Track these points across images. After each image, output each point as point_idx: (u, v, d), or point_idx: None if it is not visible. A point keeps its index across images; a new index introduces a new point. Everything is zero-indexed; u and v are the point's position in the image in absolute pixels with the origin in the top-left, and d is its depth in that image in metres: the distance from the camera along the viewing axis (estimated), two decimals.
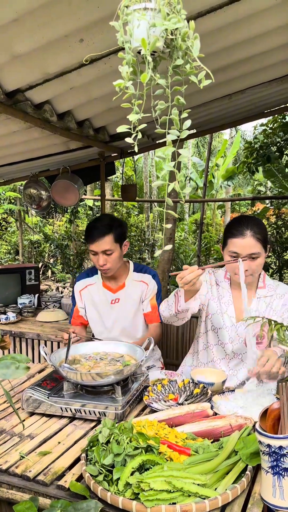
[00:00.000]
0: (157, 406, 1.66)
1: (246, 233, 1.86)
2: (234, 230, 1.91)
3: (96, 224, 2.30)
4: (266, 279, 2.08)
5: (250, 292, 2.04)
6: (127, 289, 2.42)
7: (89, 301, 2.45)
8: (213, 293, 2.12)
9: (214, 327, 2.10)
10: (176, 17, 0.89)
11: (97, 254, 2.27)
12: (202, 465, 1.22)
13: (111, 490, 1.14)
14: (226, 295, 2.08)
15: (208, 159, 7.98)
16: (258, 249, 1.87)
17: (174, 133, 0.97)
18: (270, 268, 8.03)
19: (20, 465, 1.32)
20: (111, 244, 2.24)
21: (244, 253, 1.87)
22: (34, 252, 11.85)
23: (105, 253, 2.25)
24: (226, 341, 2.04)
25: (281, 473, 1.09)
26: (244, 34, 2.10)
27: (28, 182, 4.37)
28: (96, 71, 2.14)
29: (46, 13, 1.63)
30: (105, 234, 2.24)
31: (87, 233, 2.30)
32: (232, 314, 2.05)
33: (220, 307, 2.08)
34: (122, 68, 0.95)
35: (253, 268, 1.90)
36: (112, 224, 2.28)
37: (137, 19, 0.89)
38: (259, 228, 1.89)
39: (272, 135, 6.13)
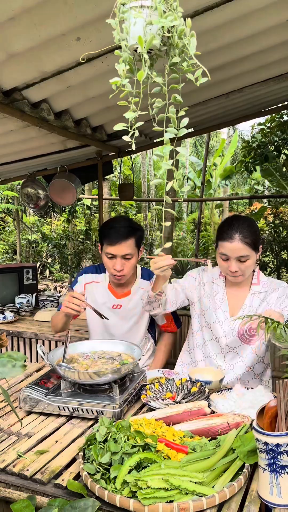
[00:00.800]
0: (154, 404, 1.66)
1: (234, 237, 1.91)
2: (224, 233, 1.95)
3: (116, 225, 2.12)
4: (261, 276, 2.11)
5: (244, 287, 2.10)
6: (132, 297, 2.31)
7: (91, 298, 2.33)
8: (206, 290, 2.15)
9: (207, 323, 2.13)
10: (173, 15, 0.89)
11: (114, 258, 2.11)
12: (200, 463, 1.22)
13: (108, 488, 1.14)
14: (220, 292, 2.12)
15: (206, 158, 7.98)
16: (247, 252, 1.91)
17: (171, 131, 0.97)
18: (268, 267, 8.05)
19: (18, 464, 1.32)
20: (132, 248, 2.10)
21: (233, 256, 1.92)
22: (32, 251, 11.84)
23: (124, 258, 2.11)
24: (220, 335, 2.07)
25: (278, 471, 1.10)
26: (241, 33, 2.10)
27: (26, 181, 4.36)
28: (93, 69, 2.14)
29: (43, 11, 1.63)
30: (128, 237, 2.08)
31: (105, 233, 2.12)
32: (226, 309, 2.09)
33: (214, 303, 2.11)
34: (119, 66, 0.95)
35: (242, 269, 1.95)
36: (133, 226, 2.14)
37: (134, 16, 0.89)
38: (248, 232, 1.92)
39: (270, 134, 6.13)
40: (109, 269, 2.17)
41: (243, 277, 1.99)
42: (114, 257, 2.10)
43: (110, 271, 2.16)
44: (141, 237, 2.18)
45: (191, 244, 12.78)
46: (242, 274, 1.97)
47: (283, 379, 1.18)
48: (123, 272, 2.14)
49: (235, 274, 1.96)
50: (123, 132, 1.01)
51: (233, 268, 1.94)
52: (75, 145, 3.40)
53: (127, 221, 2.16)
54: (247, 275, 2.01)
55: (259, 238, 1.99)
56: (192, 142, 17.87)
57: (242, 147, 6.59)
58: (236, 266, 1.94)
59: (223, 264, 1.98)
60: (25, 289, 4.15)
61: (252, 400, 1.65)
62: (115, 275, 2.15)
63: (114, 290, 2.32)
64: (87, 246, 10.72)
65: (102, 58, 2.04)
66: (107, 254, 2.12)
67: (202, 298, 2.15)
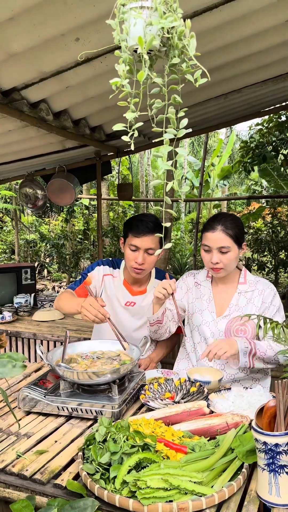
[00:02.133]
0: (153, 404, 1.66)
1: (216, 228, 1.96)
2: (207, 225, 2.02)
3: (145, 219, 2.13)
4: (248, 275, 2.12)
5: (231, 287, 2.11)
6: (148, 295, 2.29)
7: (106, 292, 2.30)
8: (193, 294, 2.17)
9: (194, 325, 2.14)
10: (173, 16, 0.89)
11: (137, 251, 2.11)
12: (199, 463, 1.22)
13: (108, 488, 1.14)
14: (207, 293, 2.13)
15: (204, 158, 7.99)
16: (228, 243, 1.94)
17: (171, 132, 0.97)
18: (266, 267, 8.07)
19: (17, 464, 1.32)
20: (155, 244, 2.12)
21: (214, 246, 1.96)
22: (30, 251, 11.83)
23: (147, 252, 2.11)
24: (208, 336, 2.07)
25: (277, 471, 1.10)
26: (240, 34, 2.11)
27: (24, 181, 4.36)
28: (92, 70, 2.14)
29: (42, 12, 1.63)
30: (154, 231, 2.10)
31: (133, 225, 2.13)
32: (212, 310, 2.09)
33: (201, 305, 2.13)
34: (119, 66, 0.95)
35: (224, 261, 1.97)
36: (160, 224, 2.14)
37: (134, 17, 0.89)
38: (231, 224, 1.96)
39: (268, 134, 6.14)
40: (129, 262, 2.16)
41: (224, 271, 2.00)
42: (137, 249, 2.12)
43: (131, 263, 2.15)
44: (166, 236, 2.17)
45: (189, 244, 12.79)
46: (224, 267, 1.98)
47: (282, 379, 1.18)
48: (144, 266, 2.14)
49: (216, 266, 1.97)
50: (121, 132, 1.01)
51: (214, 259, 1.96)
52: (74, 145, 3.40)
53: (155, 217, 2.19)
54: (229, 269, 2.01)
55: (243, 234, 2.01)
56: (190, 142, 17.88)
57: (240, 147, 6.60)
58: (217, 257, 1.96)
59: (205, 256, 2.01)
60: (23, 289, 4.15)
61: (250, 400, 1.66)
62: (135, 268, 2.14)
63: (130, 286, 2.31)
64: (85, 246, 10.72)
65: (101, 58, 2.04)
66: (130, 246, 2.13)
67: (189, 304, 2.17)
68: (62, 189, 4.10)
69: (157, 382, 1.83)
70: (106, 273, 2.31)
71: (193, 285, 2.19)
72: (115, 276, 2.32)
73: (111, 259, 2.39)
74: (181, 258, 11.46)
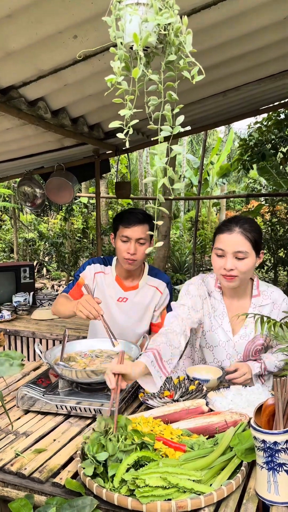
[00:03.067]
0: (152, 403, 1.66)
1: (234, 229, 1.75)
2: (223, 226, 1.81)
3: (134, 211, 2.21)
4: (260, 284, 1.94)
5: (244, 302, 1.93)
6: (140, 291, 2.31)
7: (98, 289, 2.32)
8: (207, 307, 1.94)
9: (209, 345, 1.96)
10: (169, 12, 0.89)
11: (129, 241, 2.15)
12: (198, 461, 1.22)
13: (106, 487, 1.14)
14: (219, 307, 1.92)
15: (203, 156, 7.99)
16: (246, 248, 1.73)
17: (166, 129, 0.96)
18: (265, 265, 8.06)
19: (16, 463, 1.32)
20: (146, 234, 2.15)
21: (230, 250, 1.74)
22: (29, 250, 11.82)
23: (138, 242, 2.15)
24: (224, 358, 1.93)
25: (276, 469, 1.10)
26: (239, 31, 2.10)
27: (22, 180, 4.35)
28: (90, 67, 2.14)
29: (40, 9, 1.62)
30: (144, 222, 2.15)
31: (123, 216, 2.18)
32: (227, 328, 1.90)
33: (214, 322, 1.92)
34: (114, 63, 0.95)
35: (239, 268, 1.74)
36: (149, 215, 2.22)
37: (129, 14, 0.89)
38: (250, 227, 1.76)
39: (267, 132, 6.14)
40: (121, 253, 2.18)
41: (239, 280, 1.78)
42: (129, 240, 2.15)
43: (123, 254, 2.18)
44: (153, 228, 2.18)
45: (189, 242, 12.78)
46: (238, 275, 1.75)
47: (281, 377, 1.18)
48: (136, 257, 2.16)
49: (230, 273, 1.75)
50: (119, 130, 1.01)
51: (228, 265, 1.73)
52: (72, 143, 3.39)
53: (144, 211, 2.26)
54: (244, 280, 1.80)
55: (261, 240, 1.80)
56: (189, 141, 17.86)
57: (239, 145, 6.60)
58: (232, 263, 1.73)
59: (217, 262, 1.78)
60: (22, 287, 4.15)
61: (249, 398, 1.66)
62: (127, 259, 2.17)
63: (122, 282, 2.33)
64: (84, 244, 10.71)
65: (99, 56, 2.04)
66: (122, 238, 2.16)
67: (204, 317, 1.93)
68: (60, 188, 4.09)
69: None
70: (97, 271, 2.34)
71: (206, 295, 1.95)
72: (106, 273, 2.34)
73: (102, 256, 2.42)
74: (180, 257, 11.45)
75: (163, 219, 7.20)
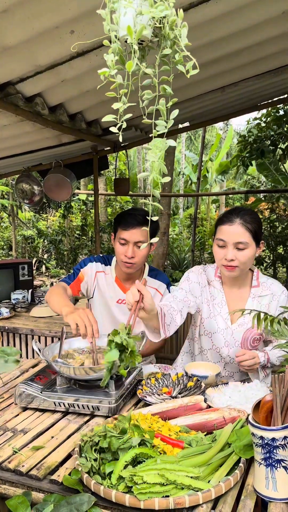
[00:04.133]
0: (150, 399, 1.66)
1: (235, 220, 1.81)
2: (224, 217, 1.87)
3: (133, 212, 2.14)
4: (260, 276, 2.00)
5: (243, 291, 1.99)
6: None
7: (99, 288, 2.29)
8: (206, 295, 2.02)
9: (207, 332, 2.01)
10: (164, 5, 0.88)
11: (127, 244, 2.10)
12: (195, 458, 1.22)
13: (104, 483, 1.14)
14: (219, 296, 1.99)
15: (201, 153, 7.97)
16: (246, 238, 1.79)
17: (160, 124, 0.95)
18: (265, 262, 8.06)
19: (13, 460, 1.31)
20: (145, 237, 2.09)
21: (231, 241, 1.80)
22: (27, 247, 11.81)
23: (136, 245, 2.09)
24: (222, 345, 1.98)
25: (274, 465, 1.10)
26: (237, 26, 2.09)
27: (20, 177, 4.34)
28: (87, 63, 2.12)
29: (36, 4, 1.61)
30: (143, 225, 2.07)
31: (122, 219, 2.13)
32: (226, 316, 1.97)
33: (213, 310, 1.99)
34: (107, 56, 0.94)
35: (240, 259, 1.81)
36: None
37: (124, 7, 0.88)
38: (250, 218, 1.82)
39: (266, 129, 6.13)
40: (119, 256, 2.14)
41: (239, 270, 1.84)
42: (127, 243, 2.10)
43: (121, 257, 2.13)
44: (155, 229, 2.17)
45: (188, 239, 12.78)
46: (238, 265, 1.82)
47: (279, 374, 1.17)
48: (134, 260, 2.11)
49: (231, 263, 1.81)
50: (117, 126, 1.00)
51: (229, 256, 1.80)
52: (70, 140, 3.38)
53: (144, 211, 2.19)
54: (244, 269, 1.87)
55: (261, 231, 1.87)
56: (187, 137, 17.83)
57: (238, 142, 6.58)
58: (233, 254, 1.80)
59: (219, 252, 1.85)
60: (21, 285, 4.14)
61: (247, 395, 1.66)
62: (126, 262, 2.13)
63: (122, 284, 2.29)
64: (83, 241, 10.70)
65: (96, 51, 2.02)
66: (120, 240, 2.12)
67: (203, 304, 2.01)
68: (58, 185, 4.08)
69: (154, 377, 1.83)
70: (99, 270, 2.31)
71: (206, 283, 2.02)
72: (107, 273, 2.31)
73: (102, 255, 2.38)
74: (180, 254, 11.45)
75: (163, 215, 7.19)
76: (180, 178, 15.52)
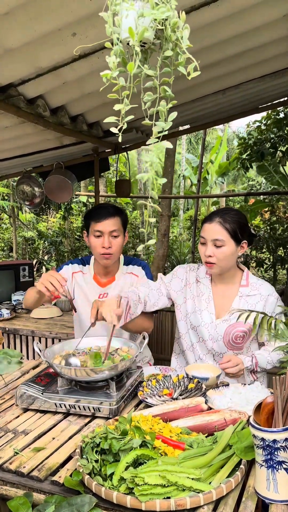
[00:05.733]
0: (151, 401, 1.66)
1: (214, 219, 1.92)
2: (207, 216, 1.99)
3: (102, 205, 2.24)
4: (250, 277, 2.05)
5: (231, 288, 2.04)
6: (118, 282, 2.32)
7: (78, 287, 2.35)
8: (192, 291, 2.09)
9: (193, 325, 2.07)
10: (165, 7, 0.88)
11: (102, 236, 2.16)
12: (197, 460, 1.22)
13: (105, 485, 1.14)
14: (206, 292, 2.06)
15: (202, 155, 7.98)
16: (222, 236, 1.89)
17: (160, 125, 0.96)
18: (265, 263, 8.07)
19: (14, 461, 1.31)
20: (118, 227, 2.17)
21: (209, 238, 1.92)
22: (28, 248, 11.81)
23: (111, 235, 2.16)
24: (206, 338, 2.03)
25: (275, 467, 1.10)
26: (237, 29, 2.10)
27: (21, 178, 4.34)
28: (89, 65, 2.13)
29: (38, 6, 1.62)
30: (114, 215, 2.16)
31: (93, 212, 2.20)
32: (212, 311, 2.03)
33: (199, 305, 2.05)
34: (109, 58, 0.95)
35: (217, 256, 1.91)
36: (119, 208, 2.24)
37: (126, 9, 0.88)
38: (230, 218, 1.91)
39: (266, 131, 6.14)
40: (96, 249, 2.19)
41: (217, 267, 1.93)
42: (102, 235, 2.16)
43: (98, 250, 2.18)
44: (126, 221, 2.26)
45: (188, 241, 12.78)
46: (216, 262, 1.92)
47: (280, 375, 1.18)
48: (111, 250, 2.16)
49: (209, 260, 1.92)
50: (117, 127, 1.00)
51: (207, 252, 1.91)
52: (71, 142, 3.39)
53: (112, 205, 2.28)
54: (223, 266, 1.94)
55: (243, 231, 1.94)
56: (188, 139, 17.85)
57: (239, 144, 6.59)
58: (211, 250, 1.91)
59: (201, 249, 1.97)
60: (21, 286, 4.15)
61: (248, 397, 1.66)
62: (103, 254, 2.18)
63: (99, 280, 2.35)
64: (83, 243, 10.71)
65: (98, 53, 2.03)
66: (95, 233, 2.17)
67: (188, 300, 2.09)
68: (59, 186, 4.09)
69: (155, 378, 1.83)
70: (75, 271, 2.37)
71: (194, 280, 2.11)
72: (85, 273, 2.37)
73: (80, 257, 2.46)
74: (180, 255, 11.46)
75: (163, 217, 7.19)
76: (180, 180, 15.53)
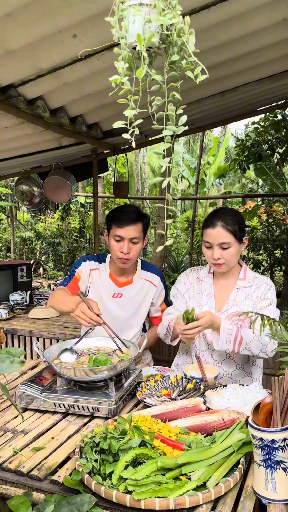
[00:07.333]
0: (150, 401, 1.66)
1: (216, 224, 1.98)
2: (207, 220, 2.04)
3: (126, 209, 2.20)
4: (248, 271, 2.14)
5: (230, 282, 2.13)
6: (134, 286, 2.34)
7: (93, 285, 2.34)
8: (194, 289, 2.19)
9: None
10: (172, 13, 0.89)
11: (122, 241, 2.16)
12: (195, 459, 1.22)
13: (105, 484, 1.15)
14: (208, 289, 2.15)
15: (200, 156, 7.99)
16: (228, 239, 1.97)
17: (171, 129, 0.97)
18: (262, 265, 8.09)
19: (14, 461, 1.32)
20: (139, 233, 2.17)
21: (215, 242, 1.99)
22: (25, 249, 11.80)
23: (132, 241, 2.17)
24: (206, 332, 2.08)
25: (274, 466, 1.11)
26: (237, 32, 2.11)
27: (20, 179, 4.35)
28: (89, 67, 2.14)
29: (40, 8, 1.63)
30: (136, 221, 2.15)
31: (115, 216, 2.18)
32: (212, 305, 2.11)
33: (200, 300, 2.14)
34: (118, 63, 0.95)
35: (225, 257, 2.00)
36: (142, 213, 2.22)
37: (133, 14, 0.89)
38: (231, 220, 1.98)
39: (264, 133, 6.15)
40: (115, 252, 2.20)
41: (226, 266, 2.03)
42: (122, 240, 2.16)
43: (116, 254, 2.19)
44: (148, 224, 2.26)
45: (185, 242, 12.80)
46: (225, 262, 2.01)
47: (279, 376, 1.19)
48: (129, 256, 2.18)
49: (218, 262, 2.00)
50: (119, 129, 1.01)
51: (215, 255, 1.99)
52: (70, 143, 3.40)
53: (136, 207, 2.26)
54: (231, 264, 2.04)
55: (243, 229, 2.03)
56: (186, 141, 17.87)
57: (236, 146, 6.61)
58: (219, 253, 1.99)
59: (207, 252, 2.04)
60: (19, 286, 4.15)
61: (246, 398, 1.67)
62: (121, 258, 2.19)
63: (116, 279, 2.34)
64: (81, 244, 10.71)
65: (98, 55, 2.04)
66: (115, 237, 2.17)
67: (191, 299, 2.18)
68: (58, 187, 4.09)
69: (153, 379, 1.84)
70: (92, 268, 2.36)
71: (195, 280, 2.21)
72: (101, 270, 2.37)
73: (96, 254, 2.44)
74: (177, 257, 11.47)
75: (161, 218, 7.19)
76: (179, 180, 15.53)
